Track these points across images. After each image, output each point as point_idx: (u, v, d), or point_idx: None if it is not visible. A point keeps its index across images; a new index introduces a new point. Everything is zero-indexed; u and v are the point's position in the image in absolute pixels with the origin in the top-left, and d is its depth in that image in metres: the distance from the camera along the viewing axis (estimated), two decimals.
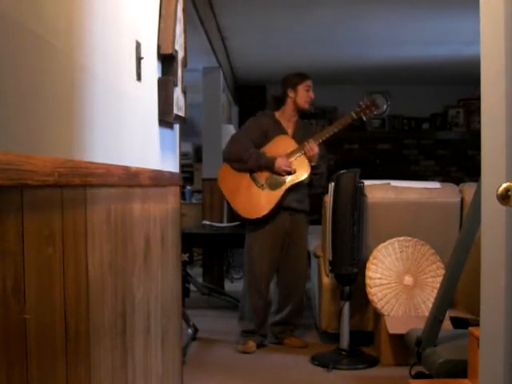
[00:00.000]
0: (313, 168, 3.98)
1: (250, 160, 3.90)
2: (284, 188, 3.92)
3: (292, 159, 3.93)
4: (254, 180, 3.94)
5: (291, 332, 4.11)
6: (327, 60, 7.02)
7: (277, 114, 4.11)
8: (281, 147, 3.96)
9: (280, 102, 4.13)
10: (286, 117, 4.10)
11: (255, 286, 3.99)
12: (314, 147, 3.94)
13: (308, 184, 4.06)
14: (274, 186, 3.93)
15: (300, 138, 4.01)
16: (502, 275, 1.76)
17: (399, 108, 8.40)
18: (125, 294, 1.73)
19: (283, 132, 4.05)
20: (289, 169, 3.91)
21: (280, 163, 3.89)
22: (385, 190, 3.97)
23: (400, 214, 3.91)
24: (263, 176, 3.93)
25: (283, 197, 3.92)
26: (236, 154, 3.95)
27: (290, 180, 3.93)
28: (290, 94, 4.06)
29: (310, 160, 3.95)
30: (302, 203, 4.05)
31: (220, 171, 4.05)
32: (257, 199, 3.93)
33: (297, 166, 3.94)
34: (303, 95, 4.05)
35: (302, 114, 4.19)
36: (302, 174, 3.95)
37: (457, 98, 8.46)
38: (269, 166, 3.90)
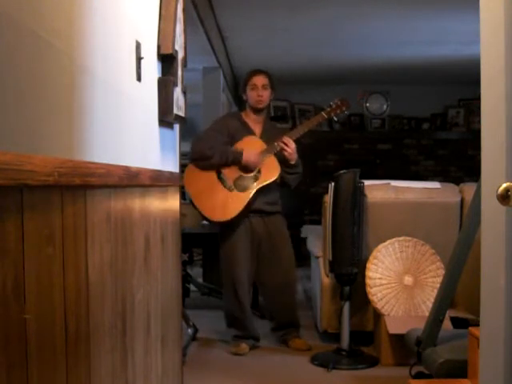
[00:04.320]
0: (292, 167, 3.87)
1: (215, 156, 3.75)
2: (253, 190, 3.79)
3: (261, 160, 3.79)
4: (222, 181, 3.80)
5: (296, 333, 4.04)
6: (327, 60, 7.02)
7: (243, 115, 4.02)
8: (249, 148, 3.82)
9: (243, 104, 4.08)
10: (251, 118, 3.98)
11: (235, 295, 3.91)
12: (290, 143, 3.79)
13: (283, 184, 3.95)
14: (242, 188, 3.79)
15: (268, 138, 3.87)
16: (502, 275, 1.76)
17: (399, 108, 8.40)
18: (125, 294, 1.73)
19: (250, 133, 3.93)
20: (258, 165, 3.76)
21: (248, 155, 3.75)
22: (385, 189, 3.97)
23: (400, 213, 3.91)
24: (231, 177, 3.80)
25: (252, 199, 3.79)
26: (200, 151, 3.79)
27: (259, 182, 3.79)
28: (244, 96, 4.00)
29: (288, 158, 3.81)
30: (274, 205, 3.95)
31: (186, 173, 3.85)
32: (224, 201, 3.78)
33: (266, 166, 3.80)
34: (250, 95, 3.93)
35: (277, 116, 4.11)
36: (272, 175, 3.82)
37: (457, 98, 8.46)
38: (236, 159, 3.75)
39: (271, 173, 3.82)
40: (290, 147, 3.80)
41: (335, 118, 4.07)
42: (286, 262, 3.97)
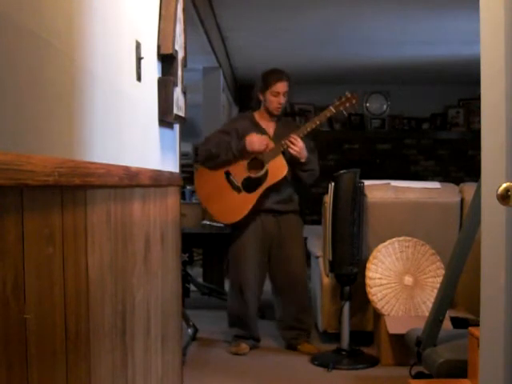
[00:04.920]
0: (302, 164, 3.81)
1: (221, 154, 3.74)
2: (260, 191, 3.77)
3: (269, 158, 3.75)
4: (230, 183, 3.79)
5: (306, 337, 3.97)
6: (327, 60, 7.02)
7: (256, 115, 3.96)
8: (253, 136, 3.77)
9: (257, 102, 3.98)
10: (264, 117, 3.93)
11: (241, 294, 3.89)
12: (297, 141, 3.72)
13: (297, 180, 3.91)
14: (250, 189, 3.77)
15: (282, 137, 3.81)
16: (501, 275, 1.76)
17: (399, 108, 8.40)
18: (125, 294, 1.73)
19: (262, 132, 3.87)
20: (263, 145, 3.70)
21: (251, 140, 3.69)
22: (385, 189, 3.97)
23: (400, 213, 3.91)
24: (239, 178, 3.78)
25: (260, 200, 3.78)
26: (206, 151, 3.79)
27: (266, 182, 3.77)
28: (260, 97, 3.91)
29: (297, 157, 3.75)
30: (288, 204, 3.91)
31: (195, 176, 3.89)
32: (232, 203, 3.78)
33: (273, 166, 3.77)
34: (271, 101, 3.85)
35: (284, 113, 4.02)
36: (279, 174, 3.77)
37: (457, 98, 8.46)
38: (240, 149, 3.72)
39: (278, 172, 3.78)
40: (298, 145, 3.73)
41: (345, 113, 3.94)
42: (296, 263, 3.92)
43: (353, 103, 3.89)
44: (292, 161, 3.81)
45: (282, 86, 3.86)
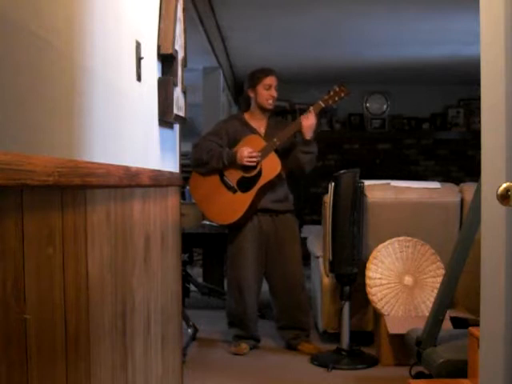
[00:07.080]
0: (306, 144, 3.80)
1: (212, 160, 3.76)
2: (255, 189, 3.77)
3: (261, 158, 3.75)
4: (225, 184, 3.79)
5: (305, 337, 3.97)
6: (327, 60, 7.02)
7: (246, 116, 3.96)
8: (250, 147, 3.78)
9: (246, 102, 3.99)
10: (255, 117, 3.93)
11: (240, 294, 3.88)
12: (311, 117, 3.74)
13: (290, 175, 3.90)
14: (245, 189, 3.77)
15: (274, 136, 3.81)
16: (502, 275, 1.76)
17: (399, 108, 8.40)
18: (125, 294, 1.73)
19: (253, 132, 3.88)
20: (253, 157, 3.71)
21: (241, 154, 3.71)
22: (385, 189, 3.97)
23: (400, 213, 3.91)
24: (234, 179, 3.78)
25: (256, 199, 3.78)
26: (198, 157, 3.81)
27: (260, 180, 3.77)
28: (251, 94, 3.91)
29: (304, 131, 3.74)
30: (283, 203, 3.91)
31: (190, 179, 3.90)
32: (228, 204, 3.78)
33: (266, 164, 3.76)
34: (263, 94, 3.86)
35: (277, 111, 4.03)
36: (273, 172, 3.77)
37: (457, 98, 8.46)
38: (231, 160, 3.73)
39: (272, 170, 3.78)
40: (310, 120, 3.74)
41: (334, 106, 3.98)
42: (293, 262, 3.92)
43: (341, 96, 3.89)
44: (293, 145, 3.81)
45: (272, 79, 3.89)
